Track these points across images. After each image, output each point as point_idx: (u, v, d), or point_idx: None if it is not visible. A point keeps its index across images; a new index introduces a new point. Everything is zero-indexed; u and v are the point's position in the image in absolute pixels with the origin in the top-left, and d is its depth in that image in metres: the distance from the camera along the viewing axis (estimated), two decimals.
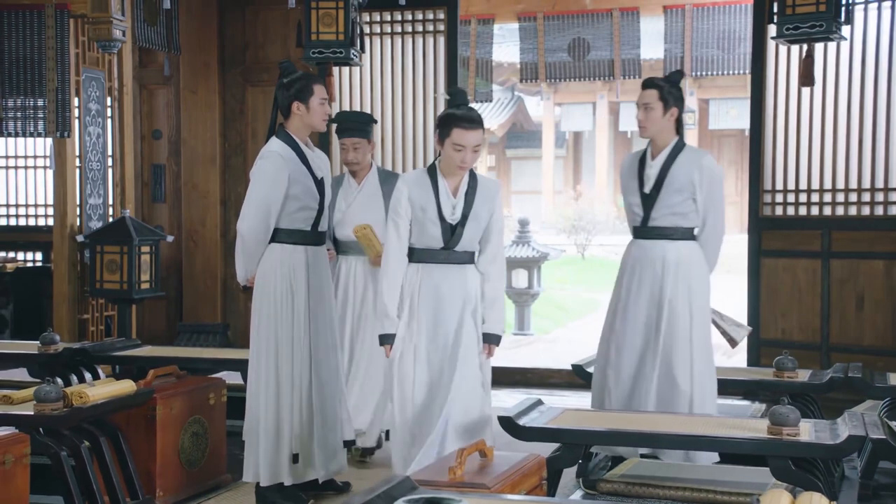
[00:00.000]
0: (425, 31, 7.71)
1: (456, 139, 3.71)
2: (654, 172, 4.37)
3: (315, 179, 4.17)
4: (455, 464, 2.69)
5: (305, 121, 4.17)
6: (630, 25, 8.95)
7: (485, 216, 3.82)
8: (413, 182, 3.86)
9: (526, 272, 10.54)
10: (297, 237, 4.13)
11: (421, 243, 3.82)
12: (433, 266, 3.79)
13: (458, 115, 3.76)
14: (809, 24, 5.88)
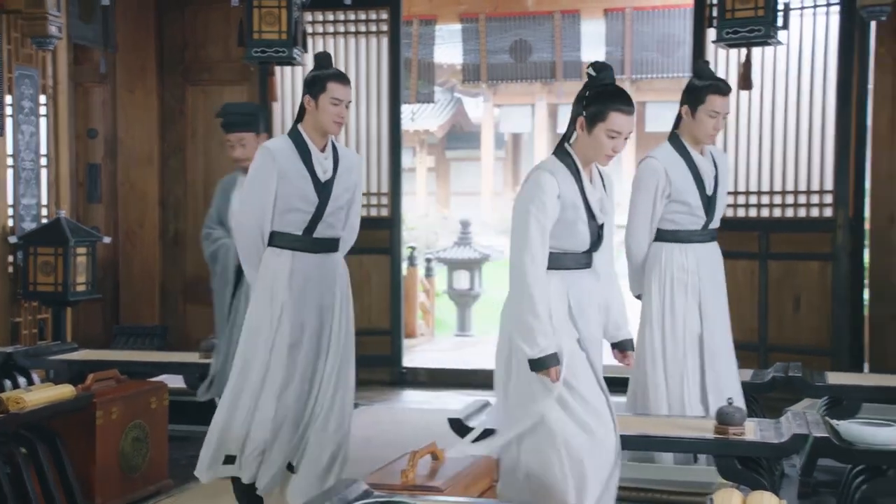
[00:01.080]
0: (368, 31, 7.68)
1: (612, 124, 3.09)
2: (711, 171, 4.30)
3: (315, 181, 3.81)
4: (407, 467, 2.66)
5: (316, 119, 3.81)
6: (571, 28, 9.04)
7: (611, 212, 3.30)
8: (559, 173, 3.16)
9: (467, 273, 10.56)
10: (285, 241, 3.82)
11: (565, 247, 3.18)
12: (578, 273, 3.21)
13: (617, 95, 3.14)
14: (748, 28, 5.97)
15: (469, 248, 10.61)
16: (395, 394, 7.26)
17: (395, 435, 5.72)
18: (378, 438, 5.65)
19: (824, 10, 6.64)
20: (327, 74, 3.80)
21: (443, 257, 10.73)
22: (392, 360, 7.62)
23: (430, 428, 5.79)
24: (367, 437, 5.68)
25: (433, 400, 7.06)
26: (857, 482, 3.56)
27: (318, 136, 3.83)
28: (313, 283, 3.82)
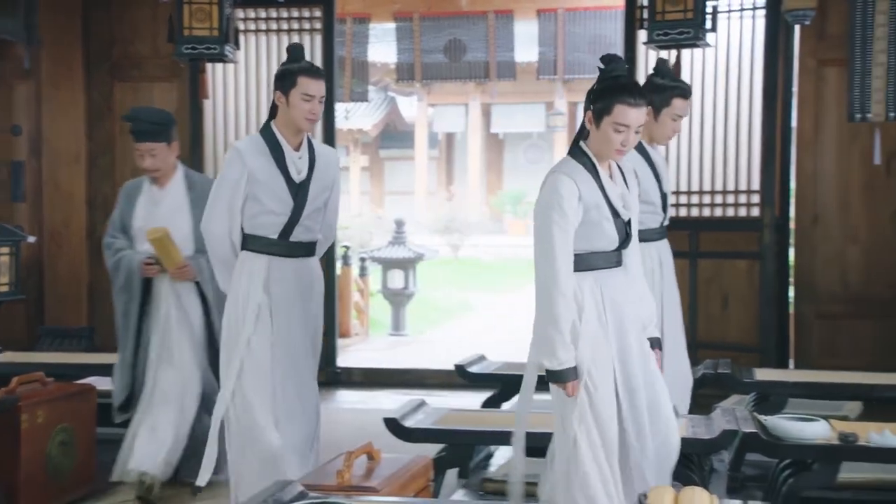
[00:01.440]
0: (301, 28, 7.62)
1: (618, 117, 2.98)
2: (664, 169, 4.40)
3: (289, 182, 3.62)
4: (343, 467, 2.65)
5: (287, 116, 3.62)
6: (505, 28, 9.08)
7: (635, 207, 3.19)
8: (577, 174, 3.05)
9: (402, 272, 10.54)
10: (259, 245, 3.64)
11: (594, 247, 3.08)
12: (610, 273, 3.11)
13: (623, 87, 3.02)
14: (678, 30, 6.05)
15: (404, 247, 10.60)
16: (329, 394, 7.21)
17: (329, 435, 5.65)
18: None
19: (751, 13, 6.77)
20: (298, 68, 3.62)
21: (377, 257, 10.70)
22: (326, 361, 7.56)
23: (366, 428, 5.76)
24: None
25: (368, 400, 7.03)
26: (784, 476, 3.63)
27: (292, 133, 3.64)
28: (292, 291, 3.65)
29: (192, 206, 4.46)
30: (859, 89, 4.71)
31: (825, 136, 6.69)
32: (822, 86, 6.64)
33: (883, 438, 3.10)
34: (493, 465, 4.50)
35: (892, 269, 6.53)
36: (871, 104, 4.70)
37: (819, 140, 6.69)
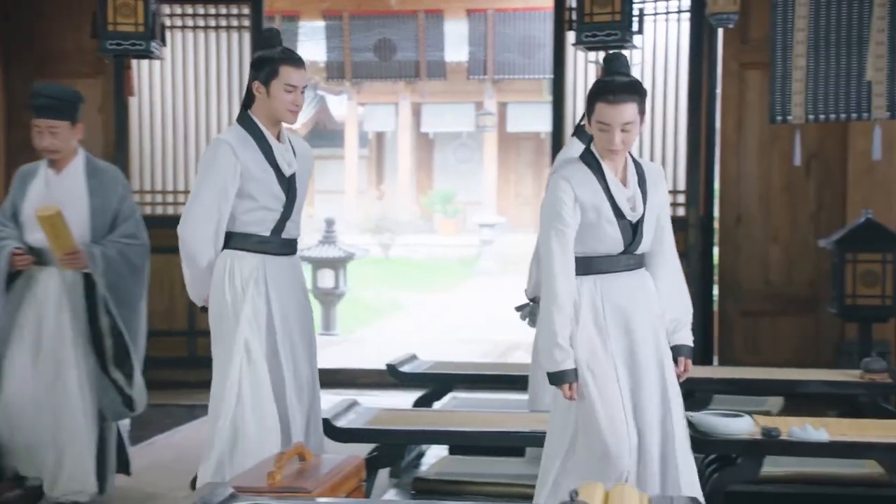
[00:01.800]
0: (230, 26, 7.53)
1: (599, 116, 2.95)
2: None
3: (280, 175, 3.42)
4: (274, 469, 2.63)
5: (267, 107, 3.41)
6: (434, 27, 9.11)
7: (657, 208, 3.09)
8: (576, 176, 3.01)
9: (332, 272, 10.50)
10: (251, 244, 3.42)
11: (595, 250, 3.03)
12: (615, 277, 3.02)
13: (603, 85, 2.97)
14: (606, 32, 6.13)
15: (334, 246, 10.56)
16: None
17: None
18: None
19: (676, 16, 6.89)
20: (279, 57, 3.38)
21: (307, 256, 10.64)
22: None
23: None
24: None
25: None
26: (710, 471, 3.71)
27: (271, 125, 3.44)
28: (289, 291, 3.47)
29: (90, 195, 4.09)
30: (780, 92, 4.82)
31: (747, 138, 6.84)
32: (744, 88, 6.78)
33: (804, 433, 3.19)
34: (424, 464, 4.51)
35: (812, 267, 6.71)
36: (791, 107, 4.81)
37: (742, 141, 6.84)
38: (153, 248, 7.68)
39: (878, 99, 4.72)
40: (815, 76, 4.81)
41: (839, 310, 5.77)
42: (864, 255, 5.66)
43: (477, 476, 3.59)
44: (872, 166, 6.37)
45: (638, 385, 2.98)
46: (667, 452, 2.94)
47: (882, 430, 3.34)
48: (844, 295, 5.68)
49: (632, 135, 2.97)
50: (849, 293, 5.67)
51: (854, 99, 4.76)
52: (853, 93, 4.76)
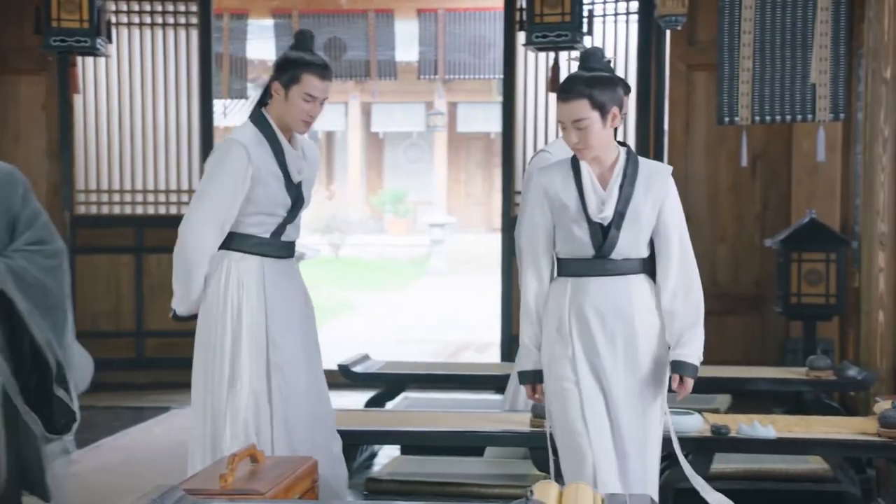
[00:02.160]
0: (177, 23, 7.45)
1: (558, 114, 2.89)
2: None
3: (289, 182, 3.25)
4: (226, 471, 2.61)
5: (280, 111, 3.24)
6: (385, 27, 9.09)
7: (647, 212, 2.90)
8: (553, 171, 2.95)
9: None
10: (248, 245, 3.24)
11: (567, 252, 2.92)
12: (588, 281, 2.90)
13: (563, 83, 2.90)
14: (556, 33, 6.17)
15: None
16: None
17: None
18: None
19: (624, 18, 6.96)
20: (305, 63, 3.22)
21: None
22: None
23: None
24: (182, 440, 5.48)
25: None
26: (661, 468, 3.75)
27: (284, 128, 3.27)
28: (289, 293, 3.31)
29: None
30: (727, 94, 4.89)
31: (695, 139, 6.92)
32: (691, 90, 6.87)
33: (752, 430, 3.23)
34: (376, 464, 4.50)
35: (757, 267, 6.81)
36: (738, 108, 4.88)
37: (689, 142, 6.92)
38: (99, 249, 7.60)
39: (822, 101, 4.80)
40: (762, 78, 4.88)
41: (784, 309, 5.86)
42: (809, 255, 5.76)
43: (430, 476, 3.59)
44: (816, 167, 6.49)
45: (608, 391, 2.87)
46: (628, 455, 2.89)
47: (827, 426, 3.40)
48: (790, 294, 5.78)
49: (589, 132, 2.81)
50: (794, 292, 5.76)
51: (799, 101, 4.84)
52: (798, 95, 4.84)
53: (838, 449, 3.38)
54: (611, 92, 2.84)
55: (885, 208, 4.59)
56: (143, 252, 7.41)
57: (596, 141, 2.84)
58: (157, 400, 6.74)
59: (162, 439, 5.56)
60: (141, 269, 7.39)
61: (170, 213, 7.45)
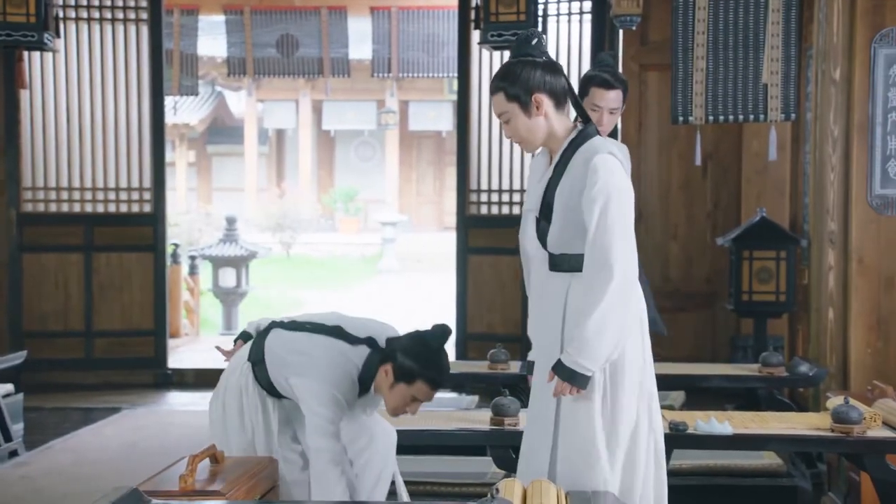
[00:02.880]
0: (127, 18, 7.36)
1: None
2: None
3: None
4: (186, 472, 2.57)
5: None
6: (338, 24, 9.04)
7: (566, 201, 2.68)
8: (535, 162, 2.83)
9: (234, 271, 10.32)
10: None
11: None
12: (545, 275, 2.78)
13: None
14: (511, 31, 6.19)
15: (236, 245, 10.39)
16: (160, 396, 7.00)
17: (164, 439, 5.52)
18: (146, 443, 5.43)
19: (577, 17, 7.01)
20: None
21: (208, 254, 10.45)
22: (156, 362, 7.35)
23: (202, 431, 5.63)
24: (133, 441, 5.46)
25: (200, 401, 6.84)
26: None
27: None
28: None
29: None
30: (681, 93, 4.93)
31: (648, 138, 6.99)
32: (644, 90, 6.94)
33: (709, 426, 3.27)
34: None
35: (709, 264, 6.90)
36: (692, 108, 4.93)
37: (642, 141, 6.99)
38: (46, 247, 7.47)
39: (774, 101, 4.87)
40: (715, 78, 4.93)
41: (736, 306, 5.94)
42: (760, 253, 5.84)
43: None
44: (766, 166, 6.58)
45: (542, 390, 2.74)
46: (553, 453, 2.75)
47: (781, 422, 3.45)
48: (741, 291, 5.85)
49: (515, 125, 2.66)
50: (745, 290, 5.84)
51: (751, 101, 4.90)
52: (750, 95, 4.90)
53: (794, 444, 3.43)
54: (525, 80, 2.63)
55: (835, 207, 4.66)
56: (93, 251, 7.31)
57: (525, 132, 2.68)
58: (107, 401, 6.65)
59: (113, 440, 5.48)
60: (90, 268, 7.28)
61: (120, 211, 7.36)
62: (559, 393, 2.64)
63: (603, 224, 2.60)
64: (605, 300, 2.58)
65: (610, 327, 2.59)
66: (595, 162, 2.63)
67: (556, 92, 2.69)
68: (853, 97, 4.57)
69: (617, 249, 2.60)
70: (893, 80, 4.56)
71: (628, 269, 2.62)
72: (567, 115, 2.75)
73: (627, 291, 2.64)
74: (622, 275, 2.59)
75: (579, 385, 2.61)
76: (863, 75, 4.54)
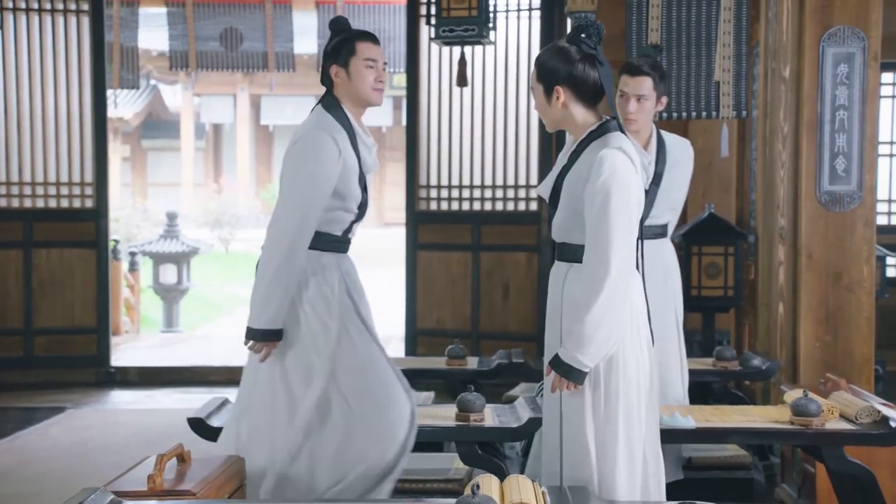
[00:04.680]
0: (67, 9, 7.20)
1: None
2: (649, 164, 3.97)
3: (360, 174, 3.13)
4: (154, 471, 2.52)
5: (349, 91, 3.10)
6: (283, 18, 8.91)
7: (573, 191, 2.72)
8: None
9: (175, 267, 10.17)
10: (323, 243, 3.12)
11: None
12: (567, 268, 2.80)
13: None
14: (463, 27, 6.17)
15: (177, 241, 10.23)
16: (103, 395, 6.86)
17: (112, 438, 5.41)
18: (94, 443, 5.31)
19: (527, 13, 7.03)
20: (354, 34, 3.12)
21: (149, 251, 10.27)
22: (99, 360, 7.20)
23: (150, 428, 5.55)
24: (81, 441, 5.34)
25: (145, 399, 6.74)
26: None
27: (356, 113, 3.13)
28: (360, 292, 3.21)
29: None
30: None
31: None
32: None
33: (673, 420, 3.30)
34: None
35: None
36: None
37: None
38: None
39: (725, 98, 4.93)
40: (668, 75, 4.97)
41: (685, 301, 5.98)
42: (708, 249, 5.91)
43: None
44: (711, 163, 6.67)
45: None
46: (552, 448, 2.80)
47: (741, 415, 3.49)
48: (690, 286, 5.91)
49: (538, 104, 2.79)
50: (694, 285, 5.90)
51: (704, 98, 4.95)
52: (703, 92, 4.95)
53: (755, 437, 3.47)
54: (553, 70, 2.73)
55: (784, 203, 4.74)
56: (32, 247, 7.14)
57: (541, 112, 2.78)
58: (50, 400, 6.50)
59: (60, 441, 5.35)
60: (30, 265, 7.11)
61: (61, 207, 7.19)
62: (556, 388, 2.65)
63: (603, 218, 2.62)
64: (603, 295, 2.59)
65: (607, 323, 2.60)
66: (602, 155, 2.66)
67: (583, 86, 2.74)
68: (802, 95, 4.65)
69: (616, 245, 2.62)
70: (841, 78, 4.65)
71: (626, 264, 2.65)
72: (595, 108, 2.78)
73: (625, 287, 2.65)
74: (620, 270, 2.61)
75: (576, 380, 2.62)
76: (812, 73, 4.62)
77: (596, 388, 2.68)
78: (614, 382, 2.69)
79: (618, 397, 2.69)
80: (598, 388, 2.68)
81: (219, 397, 3.48)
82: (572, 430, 2.70)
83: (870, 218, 4.62)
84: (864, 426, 3.30)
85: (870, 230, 4.61)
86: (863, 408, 3.36)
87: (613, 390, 2.69)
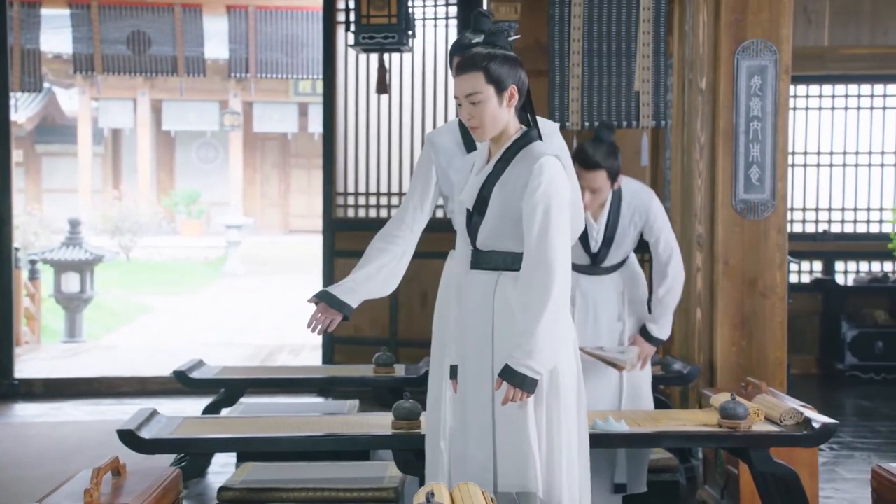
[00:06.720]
0: None
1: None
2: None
3: None
4: (91, 485, 2.43)
5: None
6: (193, 22, 8.76)
7: (514, 199, 2.69)
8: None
9: (78, 275, 9.86)
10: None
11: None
12: (461, 274, 2.91)
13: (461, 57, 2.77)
14: (383, 34, 6.17)
15: (80, 248, 9.92)
16: (7, 408, 6.60)
17: (23, 452, 5.20)
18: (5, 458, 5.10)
19: (444, 21, 7.06)
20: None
21: (51, 259, 9.94)
22: (1, 372, 6.93)
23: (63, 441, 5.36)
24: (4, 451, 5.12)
25: (53, 412, 6.51)
26: None
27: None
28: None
29: None
30: (559, 99, 5.02)
31: None
32: None
33: (607, 425, 3.33)
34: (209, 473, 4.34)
35: None
36: (569, 113, 5.02)
37: None
38: None
39: (645, 108, 5.02)
40: (590, 85, 5.04)
41: None
42: None
43: (285, 483, 3.49)
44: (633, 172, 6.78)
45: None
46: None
47: (671, 419, 3.56)
48: None
49: (476, 109, 2.66)
50: None
51: (625, 108, 5.04)
52: (623, 102, 5.04)
53: (686, 441, 3.54)
54: (509, 69, 2.69)
55: (702, 211, 4.86)
56: None
57: (489, 119, 2.67)
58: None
59: None
60: None
61: None
62: (509, 400, 2.60)
63: (545, 226, 2.61)
64: (552, 302, 2.59)
65: (557, 329, 2.61)
66: (541, 163, 2.66)
67: (523, 91, 2.75)
68: (719, 106, 4.78)
69: (559, 252, 2.62)
70: (755, 90, 4.79)
71: (567, 271, 2.65)
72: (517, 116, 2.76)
73: (568, 292, 2.67)
74: (563, 277, 2.62)
75: (528, 390, 2.60)
76: (727, 85, 4.76)
77: (538, 392, 2.67)
78: (555, 387, 2.69)
79: (558, 402, 2.69)
80: (540, 392, 2.67)
81: (146, 409, 3.39)
82: (511, 436, 2.68)
83: (782, 225, 4.77)
84: (789, 428, 3.40)
85: (782, 237, 4.76)
86: (787, 410, 3.46)
87: (555, 395, 2.69)
